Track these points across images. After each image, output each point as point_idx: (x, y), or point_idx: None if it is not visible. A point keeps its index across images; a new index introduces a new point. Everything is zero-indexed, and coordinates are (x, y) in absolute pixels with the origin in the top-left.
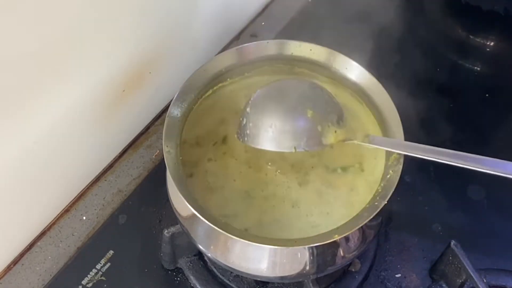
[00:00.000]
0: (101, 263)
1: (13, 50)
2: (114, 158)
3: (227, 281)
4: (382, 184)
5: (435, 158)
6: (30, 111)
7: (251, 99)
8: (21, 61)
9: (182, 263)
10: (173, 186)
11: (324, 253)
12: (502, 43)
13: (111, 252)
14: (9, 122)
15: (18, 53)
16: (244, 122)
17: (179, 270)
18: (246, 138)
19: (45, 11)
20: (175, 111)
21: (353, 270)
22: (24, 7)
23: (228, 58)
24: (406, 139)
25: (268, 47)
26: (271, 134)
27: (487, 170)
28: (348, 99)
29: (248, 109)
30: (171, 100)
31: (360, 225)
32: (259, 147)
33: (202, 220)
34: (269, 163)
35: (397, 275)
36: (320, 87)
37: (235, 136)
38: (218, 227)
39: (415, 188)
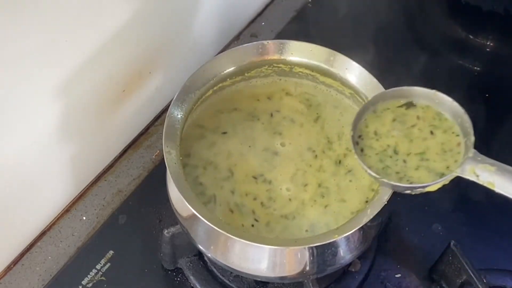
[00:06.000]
0: (101, 263)
1: (11, 49)
2: (114, 158)
3: (227, 281)
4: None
5: None
6: (30, 110)
7: None
8: (21, 61)
9: (182, 263)
10: (173, 186)
11: (324, 253)
12: (502, 43)
13: (111, 252)
14: (8, 121)
15: (19, 52)
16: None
17: (179, 270)
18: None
19: (44, 10)
20: (175, 111)
21: (353, 270)
22: (23, 8)
23: (228, 58)
24: None
25: (268, 47)
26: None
27: None
28: (348, 99)
29: None
30: (171, 100)
31: (360, 225)
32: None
33: (202, 220)
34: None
35: (397, 275)
36: None
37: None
38: (218, 227)
39: None
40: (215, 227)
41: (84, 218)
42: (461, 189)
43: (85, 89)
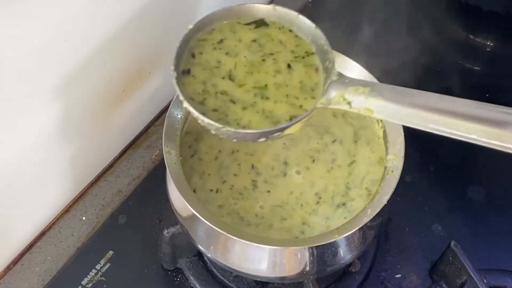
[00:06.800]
0: (101, 263)
1: (11, 49)
2: (114, 158)
3: (227, 281)
4: (382, 184)
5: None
6: (30, 110)
7: None
8: (21, 61)
9: (182, 263)
10: (173, 186)
11: (324, 253)
12: (502, 43)
13: (111, 252)
14: (8, 121)
15: (19, 53)
16: None
17: (179, 271)
18: None
19: (44, 10)
20: (175, 111)
21: (353, 270)
22: (23, 8)
23: None
24: (406, 139)
25: None
26: None
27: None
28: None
29: None
30: (171, 100)
31: (360, 226)
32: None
33: (202, 220)
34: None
35: (397, 276)
36: None
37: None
38: (218, 227)
39: (415, 188)
40: (215, 227)
41: (84, 218)
42: (461, 189)
43: (85, 89)
